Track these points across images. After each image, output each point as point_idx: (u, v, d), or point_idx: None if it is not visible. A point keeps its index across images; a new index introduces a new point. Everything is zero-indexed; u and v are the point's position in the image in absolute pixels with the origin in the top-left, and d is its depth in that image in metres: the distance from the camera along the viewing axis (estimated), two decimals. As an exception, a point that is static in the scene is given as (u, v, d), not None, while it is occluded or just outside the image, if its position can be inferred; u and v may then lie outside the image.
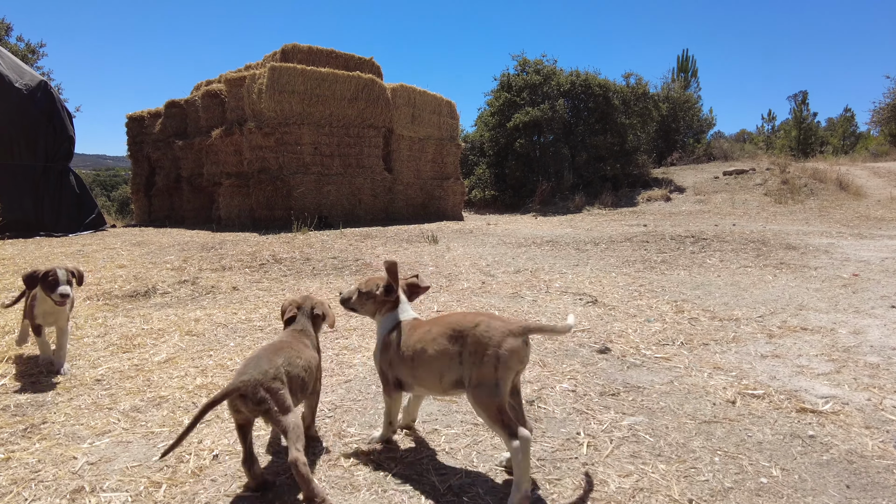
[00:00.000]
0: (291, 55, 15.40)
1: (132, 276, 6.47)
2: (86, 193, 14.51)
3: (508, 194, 21.69)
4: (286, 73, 13.42)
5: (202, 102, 15.34)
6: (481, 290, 5.41)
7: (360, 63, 16.97)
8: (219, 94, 14.93)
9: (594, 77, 21.91)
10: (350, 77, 14.60)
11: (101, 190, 57.52)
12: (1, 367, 3.29)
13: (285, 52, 15.50)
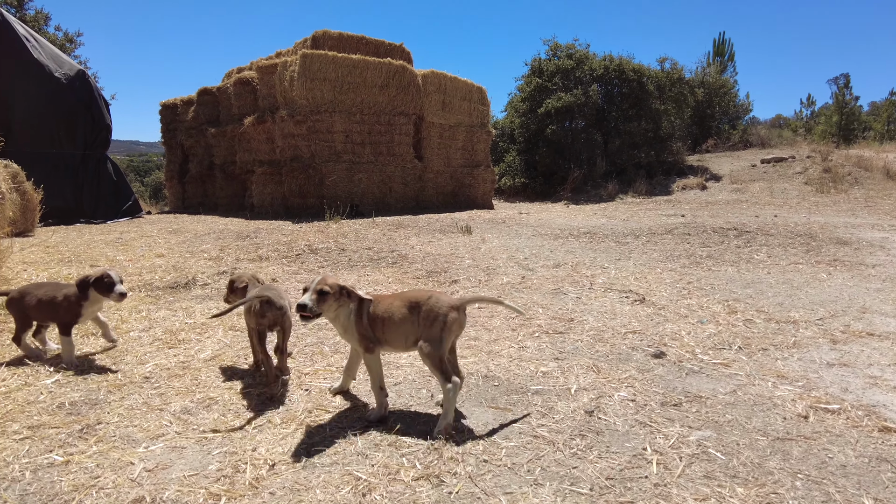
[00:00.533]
0: (322, 42, 15.33)
1: (171, 267, 6.52)
2: (122, 181, 14.76)
3: (539, 182, 21.41)
4: (317, 61, 13.36)
5: (234, 90, 15.40)
6: (521, 285, 5.30)
7: (390, 49, 16.83)
8: (251, 82, 14.96)
9: (628, 62, 21.38)
10: (381, 64, 14.47)
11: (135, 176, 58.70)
12: (55, 363, 3.31)
13: (316, 38, 15.43)
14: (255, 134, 14.71)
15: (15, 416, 2.60)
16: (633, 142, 21.21)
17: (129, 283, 5.65)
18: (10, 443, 2.35)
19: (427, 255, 7.02)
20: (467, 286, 5.30)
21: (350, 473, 2.07)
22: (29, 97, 13.02)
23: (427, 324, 2.52)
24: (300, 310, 2.47)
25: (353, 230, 9.80)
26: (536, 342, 3.62)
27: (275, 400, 2.76)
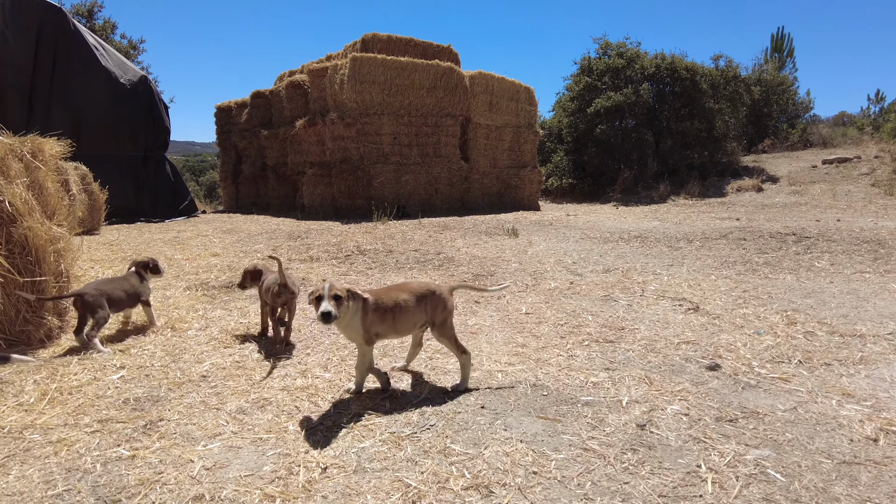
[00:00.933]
0: (371, 44, 15.54)
1: (226, 266, 6.74)
2: (180, 181, 15.35)
3: (587, 183, 21.08)
4: (367, 64, 13.54)
5: (286, 93, 15.78)
6: (570, 290, 5.23)
7: (438, 51, 16.91)
8: (302, 85, 15.31)
9: (680, 60, 20.79)
10: (429, 66, 14.56)
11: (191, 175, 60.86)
12: (119, 359, 3.48)
13: (365, 41, 15.65)
14: (305, 136, 15.04)
15: (86, 409, 2.75)
16: (685, 142, 20.62)
17: (186, 281, 5.88)
18: (83, 435, 2.48)
19: (473, 258, 7.02)
20: (514, 290, 5.27)
21: (400, 480, 2.10)
22: (97, 102, 13.71)
23: (439, 309, 2.99)
24: (325, 319, 2.64)
25: (399, 231, 9.90)
26: (586, 351, 3.57)
27: (280, 354, 2.82)
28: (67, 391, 2.98)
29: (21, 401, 2.84)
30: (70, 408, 2.77)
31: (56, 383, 3.06)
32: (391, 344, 3.74)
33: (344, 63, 13.67)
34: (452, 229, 10.24)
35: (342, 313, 2.73)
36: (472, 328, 4.08)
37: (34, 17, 12.85)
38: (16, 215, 3.62)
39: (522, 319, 4.31)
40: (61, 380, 3.12)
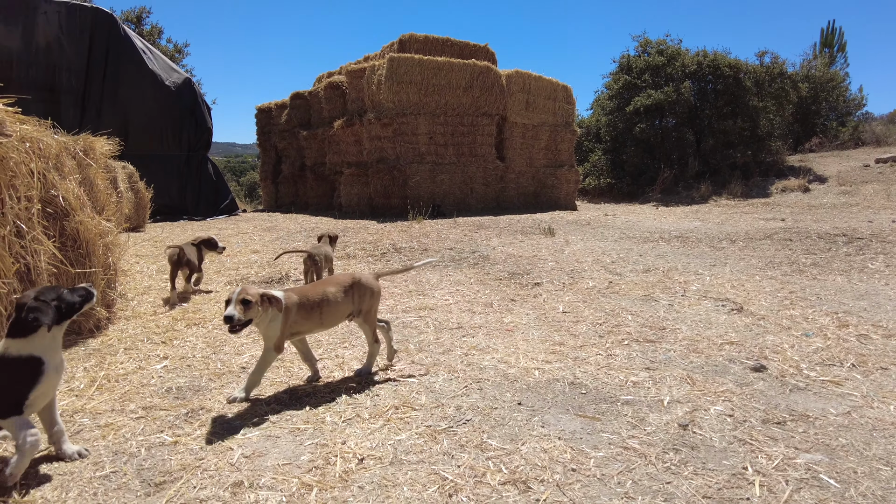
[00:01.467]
0: (409, 45, 15.62)
1: (266, 262, 6.87)
2: (221, 181, 15.72)
3: (626, 182, 20.71)
4: (404, 64, 13.61)
5: (324, 94, 16.00)
6: (608, 290, 5.14)
7: (475, 50, 16.89)
8: (340, 86, 15.49)
9: (723, 57, 20.24)
10: (465, 65, 14.54)
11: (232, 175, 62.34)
12: (163, 350, 3.57)
13: (403, 42, 15.75)
14: (343, 136, 15.22)
15: (132, 396, 2.83)
16: (727, 141, 20.06)
17: (227, 277, 6.01)
18: (128, 421, 2.55)
19: (509, 256, 6.97)
20: (551, 289, 5.20)
21: (436, 473, 2.08)
22: (143, 104, 14.17)
23: (367, 297, 3.05)
24: (227, 322, 2.56)
25: (434, 230, 9.90)
26: (626, 350, 3.49)
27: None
28: (114, 379, 3.08)
29: (72, 386, 2.94)
30: (117, 394, 2.85)
31: (104, 371, 3.16)
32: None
33: (381, 63, 13.77)
34: (487, 228, 10.20)
35: (255, 318, 2.66)
36: (508, 326, 4.04)
37: (88, 23, 13.38)
38: (69, 210, 3.75)
39: (559, 318, 4.25)
40: (109, 368, 3.22)
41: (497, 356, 3.37)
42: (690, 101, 19.83)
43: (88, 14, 13.43)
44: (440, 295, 5.02)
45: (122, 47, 13.85)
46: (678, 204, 17.79)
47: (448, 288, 5.31)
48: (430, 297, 4.98)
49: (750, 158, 19.89)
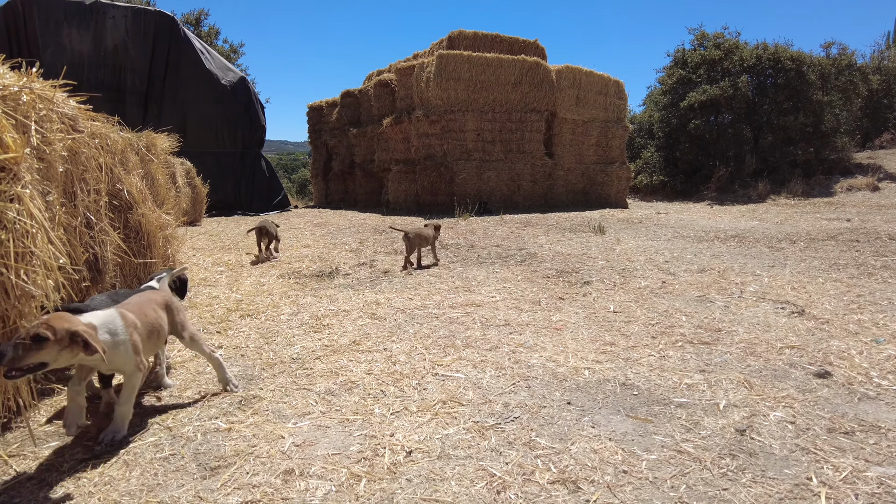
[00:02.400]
0: (458, 42, 15.61)
1: (317, 257, 7.00)
2: (274, 177, 16.12)
3: (679, 180, 20.11)
4: (452, 61, 13.62)
5: (374, 92, 16.17)
6: (661, 289, 4.99)
7: (524, 46, 16.73)
8: (390, 84, 15.63)
9: (785, 49, 19.36)
10: (514, 61, 14.43)
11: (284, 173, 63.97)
12: (218, 339, 3.69)
13: (451, 39, 15.75)
14: (392, 134, 15.36)
15: (189, 383, 2.93)
16: (787, 137, 19.19)
17: (279, 270, 6.15)
18: (186, 406, 2.64)
19: (557, 254, 6.87)
20: (601, 288, 5.09)
21: (484, 469, 2.06)
22: (201, 102, 14.67)
23: (180, 313, 2.73)
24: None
25: (481, 227, 9.87)
26: (679, 352, 3.38)
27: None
28: (173, 366, 3.20)
29: (133, 372, 3.07)
30: (176, 381, 2.96)
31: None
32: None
33: (430, 61, 13.82)
34: (535, 226, 10.09)
35: (51, 359, 1.94)
36: (557, 324, 3.98)
37: (151, 26, 13.95)
38: (132, 203, 3.92)
39: (610, 318, 4.15)
40: (167, 356, 3.34)
41: (545, 354, 3.32)
42: (748, 95, 19.05)
43: (152, 17, 14.01)
44: (486, 292, 4.99)
45: (181, 48, 14.39)
46: (734, 203, 17.16)
47: (495, 285, 5.27)
48: (477, 293, 4.96)
49: (812, 156, 18.96)
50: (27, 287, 1.85)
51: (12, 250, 1.80)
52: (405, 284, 5.33)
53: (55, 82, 2.54)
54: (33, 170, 2.03)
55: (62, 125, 2.54)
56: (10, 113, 1.94)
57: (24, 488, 2.00)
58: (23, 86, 2.12)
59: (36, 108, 2.18)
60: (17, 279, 1.81)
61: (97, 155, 2.97)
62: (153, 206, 4.44)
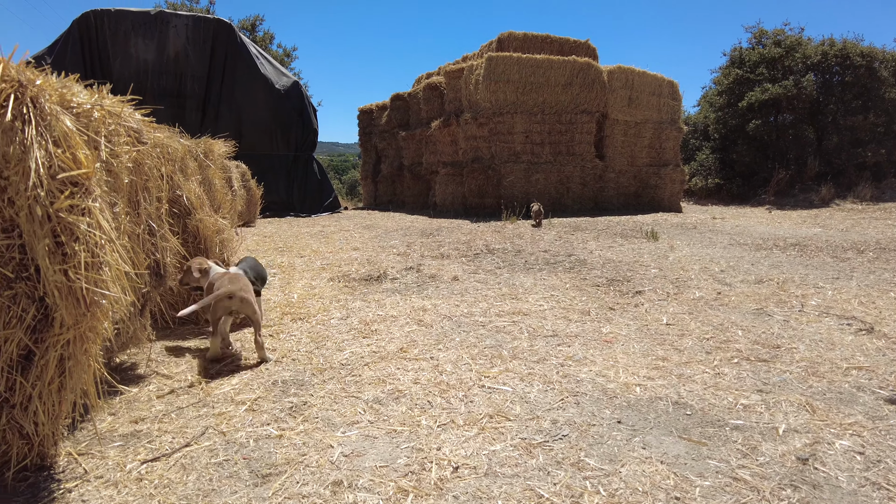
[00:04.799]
0: (507, 43, 15.55)
1: (365, 260, 7.10)
2: (325, 179, 16.44)
3: (736, 183, 19.37)
4: (502, 63, 13.55)
5: (423, 95, 16.27)
6: (716, 301, 4.82)
7: (575, 46, 16.51)
8: (438, 87, 15.69)
9: (854, 45, 18.37)
10: (565, 62, 14.24)
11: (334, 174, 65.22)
12: (270, 342, 3.79)
13: (501, 40, 15.70)
14: (440, 136, 15.42)
15: (241, 389, 3.02)
16: (855, 138, 18.20)
17: (329, 273, 6.27)
18: (239, 412, 2.72)
19: (607, 261, 6.74)
20: (653, 298, 4.96)
21: (532, 489, 2.04)
22: (256, 106, 15.12)
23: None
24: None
25: (528, 231, 9.79)
26: (735, 369, 3.25)
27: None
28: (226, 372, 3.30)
29: (190, 378, 3.19)
30: (229, 385, 3.06)
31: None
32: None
33: (479, 63, 13.80)
34: (584, 230, 9.93)
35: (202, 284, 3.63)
36: (607, 336, 3.90)
37: (210, 33, 14.47)
38: (191, 209, 4.07)
39: (663, 331, 4.04)
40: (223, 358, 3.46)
41: (595, 369, 3.26)
42: (813, 95, 18.16)
43: (211, 25, 14.53)
44: (534, 300, 4.94)
45: (238, 54, 14.87)
46: (794, 207, 16.42)
47: (542, 293, 5.22)
48: (524, 301, 4.92)
49: (883, 158, 17.93)
50: (97, 297, 1.94)
51: (83, 261, 1.89)
52: (451, 290, 5.34)
53: (123, 98, 2.66)
54: (102, 182, 2.13)
55: (128, 138, 2.65)
56: (83, 130, 2.04)
57: (92, 486, 2.10)
58: (94, 103, 2.23)
59: (105, 123, 2.29)
60: (88, 286, 1.90)
61: (159, 164, 3.10)
62: (210, 210, 4.61)
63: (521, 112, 13.95)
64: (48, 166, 1.83)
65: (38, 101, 1.85)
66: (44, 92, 1.88)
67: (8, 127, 1.76)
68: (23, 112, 1.80)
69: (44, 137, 1.84)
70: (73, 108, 2.13)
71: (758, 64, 19.30)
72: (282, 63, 24.10)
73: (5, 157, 1.77)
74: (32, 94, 1.84)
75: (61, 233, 1.86)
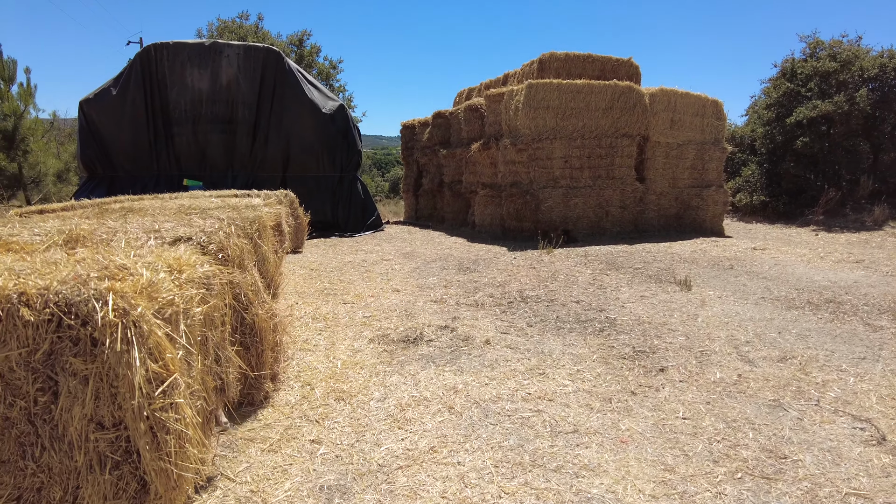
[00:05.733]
0: (548, 64, 15.71)
1: (403, 311, 7.54)
2: (369, 198, 17.00)
3: (782, 201, 18.96)
4: (542, 90, 13.75)
5: (464, 115, 16.61)
6: (736, 386, 5.03)
7: (617, 65, 16.52)
8: (479, 108, 16.00)
9: (917, 56, 17.67)
10: (605, 87, 14.32)
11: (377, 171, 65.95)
12: (316, 431, 4.25)
13: (542, 61, 15.86)
14: (480, 158, 15.73)
15: (293, 495, 3.48)
16: (914, 155, 17.56)
17: (371, 330, 6.73)
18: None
19: (637, 321, 6.97)
20: (675, 379, 5.21)
21: None
22: (303, 130, 15.76)
23: None
24: None
25: (564, 268, 10.05)
26: (737, 488, 3.51)
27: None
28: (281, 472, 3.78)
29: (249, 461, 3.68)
30: (282, 492, 3.52)
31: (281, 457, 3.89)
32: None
33: (519, 89, 14.02)
34: (619, 269, 10.12)
35: None
36: (623, 436, 4.20)
37: (260, 61, 15.16)
38: (248, 304, 4.57)
39: (678, 427, 4.31)
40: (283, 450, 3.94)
41: (606, 482, 3.58)
42: (867, 110, 17.58)
43: (260, 53, 15.22)
44: (560, 378, 5.26)
45: (286, 80, 15.53)
46: (843, 230, 16.03)
47: (569, 367, 5.53)
48: (551, 379, 5.24)
49: (942, 176, 17.26)
50: (183, 472, 2.41)
51: (173, 448, 2.36)
52: (483, 362, 5.71)
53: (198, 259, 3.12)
54: (185, 373, 2.59)
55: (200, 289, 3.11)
56: (171, 334, 2.50)
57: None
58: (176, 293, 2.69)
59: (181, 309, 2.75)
60: (174, 470, 2.37)
61: (224, 296, 3.56)
62: (265, 293, 5.10)
63: (561, 138, 14.13)
64: (147, 379, 2.30)
65: (139, 324, 2.31)
66: (144, 317, 2.34)
67: (120, 352, 2.23)
68: (128, 336, 2.26)
69: (143, 352, 2.31)
70: (158, 302, 2.59)
71: (810, 77, 18.78)
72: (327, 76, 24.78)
73: (117, 374, 2.24)
74: (134, 317, 2.31)
75: (157, 428, 2.33)
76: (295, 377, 5.31)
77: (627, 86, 14.53)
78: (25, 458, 2.29)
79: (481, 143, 15.47)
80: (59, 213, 7.66)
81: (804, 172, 18.90)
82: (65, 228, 4.31)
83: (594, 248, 12.48)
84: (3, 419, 2.25)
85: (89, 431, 2.29)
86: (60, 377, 2.25)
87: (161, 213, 5.90)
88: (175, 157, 15.15)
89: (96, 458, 2.32)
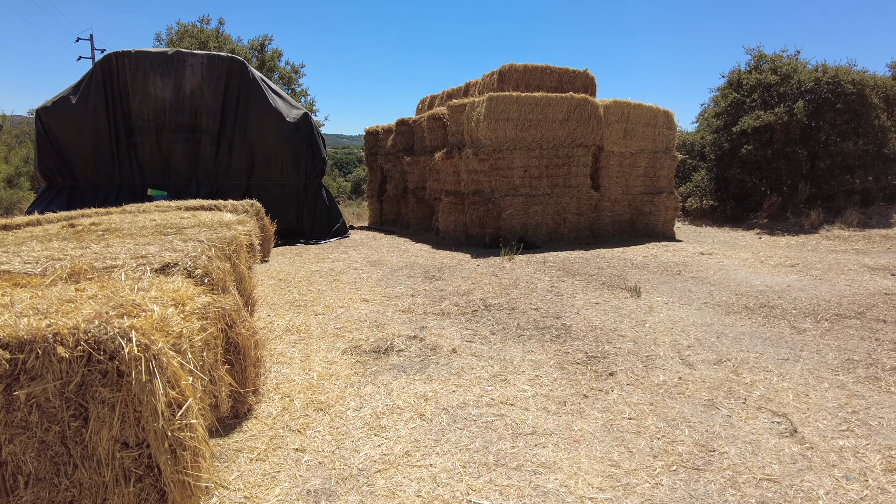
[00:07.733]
0: (508, 75, 16.30)
1: (374, 322, 7.92)
2: (334, 205, 17.26)
3: (730, 205, 20.13)
4: (502, 102, 14.30)
5: (427, 124, 17.06)
6: (676, 388, 5.63)
7: (574, 76, 17.23)
8: (442, 118, 16.47)
9: (846, 71, 19.01)
10: (562, 99, 14.98)
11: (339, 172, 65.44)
12: (299, 440, 4.63)
13: (502, 72, 16.44)
14: (443, 166, 16.21)
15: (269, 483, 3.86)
16: (845, 164, 18.89)
17: (343, 342, 7.10)
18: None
19: (590, 328, 7.56)
20: (623, 382, 5.78)
21: None
22: (268, 138, 15.92)
23: None
24: None
25: (524, 275, 10.60)
26: (672, 479, 4.06)
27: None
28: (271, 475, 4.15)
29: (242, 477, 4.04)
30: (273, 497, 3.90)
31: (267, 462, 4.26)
32: (504, 448, 4.50)
33: (481, 101, 14.55)
34: (575, 275, 10.73)
35: None
36: (576, 435, 4.72)
37: (224, 70, 15.25)
38: (232, 323, 4.90)
39: (624, 426, 4.86)
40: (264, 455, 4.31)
41: (560, 478, 4.08)
42: (803, 121, 18.82)
43: (225, 62, 15.31)
44: (520, 383, 5.77)
45: (250, 89, 15.66)
46: (785, 233, 17.16)
47: (528, 373, 6.04)
48: (512, 385, 5.74)
49: (871, 184, 18.62)
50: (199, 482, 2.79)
51: (189, 464, 2.74)
52: (450, 370, 6.16)
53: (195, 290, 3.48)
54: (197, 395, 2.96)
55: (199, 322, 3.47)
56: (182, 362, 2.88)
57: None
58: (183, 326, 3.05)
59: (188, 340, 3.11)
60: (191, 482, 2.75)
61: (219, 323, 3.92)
62: (245, 311, 5.43)
63: (521, 148, 14.72)
64: (167, 403, 2.67)
65: (159, 357, 2.68)
66: (163, 350, 2.71)
67: (144, 382, 2.60)
68: (150, 368, 2.63)
69: (162, 381, 2.68)
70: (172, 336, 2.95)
71: (754, 88, 19.96)
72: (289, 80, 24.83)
73: (141, 401, 2.61)
74: (155, 351, 2.67)
75: (176, 446, 2.70)
76: (274, 389, 5.65)
77: (583, 98, 15.25)
78: (59, 475, 2.64)
79: (444, 151, 15.95)
80: (26, 228, 7.78)
81: (749, 178, 20.10)
82: (56, 256, 4.58)
83: (552, 255, 13.11)
84: (40, 443, 2.59)
85: (116, 450, 2.65)
86: (90, 405, 2.60)
87: (140, 234, 6.15)
88: (138, 166, 15.09)
89: (122, 473, 2.68)
